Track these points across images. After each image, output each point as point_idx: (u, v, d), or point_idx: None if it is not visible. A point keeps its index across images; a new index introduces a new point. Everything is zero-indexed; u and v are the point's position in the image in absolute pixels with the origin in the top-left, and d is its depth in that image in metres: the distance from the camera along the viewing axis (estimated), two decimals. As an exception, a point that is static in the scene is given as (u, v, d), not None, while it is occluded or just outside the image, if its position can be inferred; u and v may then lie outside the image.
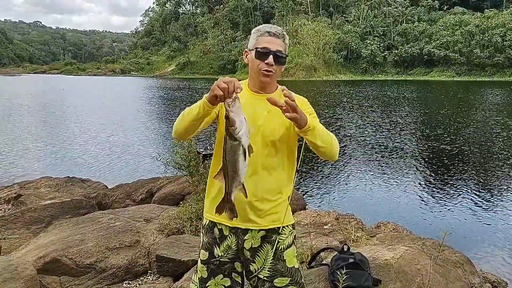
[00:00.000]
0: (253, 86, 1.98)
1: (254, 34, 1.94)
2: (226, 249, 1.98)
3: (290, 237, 2.03)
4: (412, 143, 12.90)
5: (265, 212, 1.94)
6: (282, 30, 1.93)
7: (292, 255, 2.03)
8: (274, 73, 1.91)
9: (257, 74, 1.92)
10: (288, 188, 2.03)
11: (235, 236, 1.97)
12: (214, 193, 2.00)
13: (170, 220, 4.66)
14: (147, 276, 3.97)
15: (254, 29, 1.97)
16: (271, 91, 1.98)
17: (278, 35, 1.89)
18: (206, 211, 2.06)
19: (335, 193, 8.17)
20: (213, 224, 2.02)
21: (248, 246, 1.97)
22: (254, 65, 1.91)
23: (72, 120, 19.53)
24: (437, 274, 3.24)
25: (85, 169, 10.22)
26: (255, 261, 1.97)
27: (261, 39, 1.89)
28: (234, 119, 1.61)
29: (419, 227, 6.09)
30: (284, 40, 1.91)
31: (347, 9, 79.35)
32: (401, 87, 41.61)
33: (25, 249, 4.19)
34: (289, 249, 2.02)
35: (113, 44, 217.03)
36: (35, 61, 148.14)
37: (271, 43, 1.87)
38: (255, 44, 1.90)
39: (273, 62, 1.86)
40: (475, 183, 8.65)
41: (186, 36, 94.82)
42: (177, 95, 34.86)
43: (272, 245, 1.97)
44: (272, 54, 1.86)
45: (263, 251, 1.97)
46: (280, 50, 1.88)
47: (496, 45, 59.02)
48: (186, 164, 5.32)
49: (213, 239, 2.01)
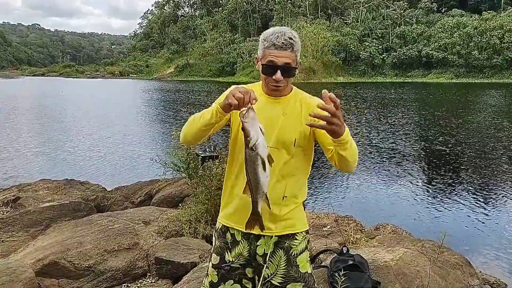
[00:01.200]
0: (267, 92, 1.93)
1: (261, 44, 1.84)
2: (237, 255, 1.95)
3: (303, 243, 2.00)
4: (410, 145, 12.91)
5: (279, 218, 1.90)
6: (290, 37, 1.78)
7: (305, 261, 1.99)
8: (284, 85, 1.85)
9: (267, 86, 1.88)
10: (302, 192, 2.00)
11: (247, 242, 1.95)
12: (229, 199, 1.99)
13: (169, 223, 4.65)
14: (146, 278, 3.95)
15: (262, 35, 1.85)
16: (286, 93, 1.93)
17: (286, 46, 1.77)
18: (221, 215, 2.04)
19: (334, 194, 8.17)
20: (226, 228, 1.99)
21: (260, 252, 1.94)
22: (263, 79, 1.87)
23: (71, 123, 19.51)
24: (436, 275, 3.24)
25: (84, 172, 10.20)
26: (268, 267, 1.94)
27: (268, 52, 1.79)
28: (249, 129, 1.59)
29: (418, 228, 6.09)
30: (292, 49, 1.78)
31: (346, 12, 79.51)
32: (400, 89, 41.67)
33: (23, 252, 4.17)
34: (302, 254, 1.98)
35: (112, 46, 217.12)
36: (33, 63, 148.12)
37: (278, 57, 1.77)
38: (262, 56, 1.83)
39: (281, 77, 1.79)
40: (474, 184, 8.65)
41: (185, 38, 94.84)
42: (176, 97, 34.85)
43: (285, 251, 1.94)
44: (280, 68, 1.78)
45: (276, 256, 1.93)
46: (289, 63, 1.78)
47: (494, 47, 59.17)
48: (185, 166, 5.31)
49: (225, 243, 1.98)
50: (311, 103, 1.92)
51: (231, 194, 1.98)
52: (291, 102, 1.92)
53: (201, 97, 33.99)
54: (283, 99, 1.92)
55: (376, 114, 21.01)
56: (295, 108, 1.91)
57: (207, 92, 39.89)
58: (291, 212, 1.94)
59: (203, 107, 15.33)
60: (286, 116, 1.88)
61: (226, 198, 2.02)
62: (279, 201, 1.89)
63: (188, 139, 1.88)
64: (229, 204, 2.00)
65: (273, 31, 1.81)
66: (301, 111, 1.90)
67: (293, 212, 1.95)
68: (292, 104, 1.92)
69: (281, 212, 1.90)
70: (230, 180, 1.99)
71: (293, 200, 1.95)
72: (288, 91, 1.94)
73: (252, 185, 1.67)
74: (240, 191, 1.85)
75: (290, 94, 1.94)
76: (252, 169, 1.64)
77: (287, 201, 1.92)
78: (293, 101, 1.93)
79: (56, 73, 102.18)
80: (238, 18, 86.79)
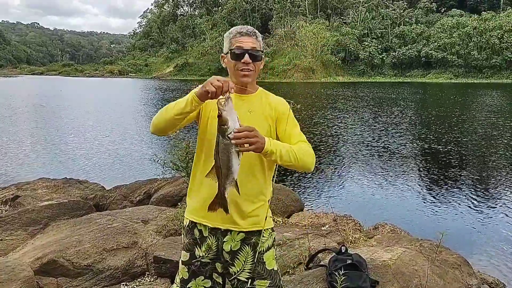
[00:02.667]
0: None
1: (226, 38, 1.95)
2: (207, 249, 1.99)
3: (269, 240, 2.04)
4: (409, 145, 12.92)
5: (247, 213, 1.94)
6: (253, 28, 1.94)
7: (272, 258, 2.04)
8: (253, 70, 1.91)
9: (236, 76, 1.92)
10: (268, 190, 2.03)
11: (214, 237, 1.98)
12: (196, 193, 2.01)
13: (168, 221, 4.65)
14: (145, 277, 3.96)
15: (226, 33, 1.98)
16: (252, 92, 1.99)
17: (250, 33, 1.90)
18: (188, 210, 2.07)
19: (333, 194, 8.18)
20: (194, 224, 2.03)
21: (227, 248, 1.97)
22: (232, 67, 1.92)
23: (70, 121, 19.49)
24: (434, 275, 3.25)
25: (83, 170, 10.20)
26: (234, 264, 1.98)
27: (234, 40, 1.90)
28: (227, 118, 1.63)
29: (416, 228, 6.10)
30: (256, 38, 1.92)
31: (345, 11, 79.52)
32: (399, 89, 41.70)
33: (22, 251, 4.17)
34: (268, 251, 2.02)
35: (111, 45, 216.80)
36: (32, 62, 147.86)
37: (244, 42, 1.88)
38: (229, 47, 1.92)
39: (249, 60, 1.87)
40: (473, 184, 8.67)
41: (184, 37, 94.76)
42: (175, 96, 34.83)
43: (251, 247, 1.97)
44: (247, 52, 1.87)
45: (243, 253, 1.97)
46: (254, 47, 1.89)
47: (494, 47, 59.26)
48: (184, 165, 5.32)
49: (194, 239, 2.02)
50: (275, 102, 2.00)
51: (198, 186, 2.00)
52: (257, 100, 1.98)
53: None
54: (249, 97, 1.97)
55: (375, 114, 21.03)
56: (261, 106, 1.96)
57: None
58: (258, 209, 1.97)
59: (202, 106, 15.13)
60: (252, 114, 1.93)
61: (193, 192, 2.04)
62: (248, 197, 1.93)
63: (160, 127, 1.87)
64: (195, 196, 2.02)
65: (236, 26, 1.98)
66: (266, 110, 1.96)
67: (260, 209, 1.98)
68: (258, 102, 1.97)
69: (250, 208, 1.94)
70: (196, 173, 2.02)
71: (261, 198, 1.98)
72: (254, 89, 2.00)
73: (222, 171, 1.71)
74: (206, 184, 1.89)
75: (256, 93, 2.00)
76: (226, 157, 1.68)
77: (255, 197, 1.96)
78: (258, 99, 1.99)
79: (55, 72, 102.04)
80: (238, 17, 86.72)
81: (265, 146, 1.71)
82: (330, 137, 14.29)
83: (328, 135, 14.65)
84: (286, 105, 2.00)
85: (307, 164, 1.88)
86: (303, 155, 1.86)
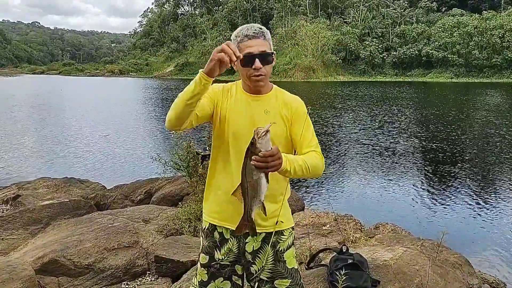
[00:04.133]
0: (248, 90, 1.95)
1: (234, 41, 1.85)
2: (227, 252, 1.97)
3: (290, 238, 2.02)
4: (410, 144, 12.91)
5: (270, 215, 1.91)
6: (259, 27, 1.85)
7: (292, 256, 2.02)
8: (265, 74, 1.85)
9: (249, 80, 1.87)
10: (287, 190, 2.02)
11: (236, 239, 1.96)
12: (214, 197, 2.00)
13: (169, 221, 4.66)
14: (146, 276, 3.96)
15: (233, 35, 1.88)
16: (266, 91, 1.96)
17: (257, 35, 1.82)
18: (206, 214, 2.04)
19: (334, 194, 8.18)
20: (213, 227, 2.00)
21: (250, 249, 1.96)
22: (244, 73, 1.86)
23: (70, 121, 19.50)
24: (435, 275, 3.25)
25: (84, 170, 10.21)
26: (255, 263, 1.96)
27: (242, 45, 1.82)
28: (260, 149, 1.59)
29: (417, 228, 6.10)
30: (264, 38, 1.84)
31: (346, 11, 79.40)
32: (400, 89, 41.67)
33: (23, 250, 4.18)
34: (289, 250, 2.01)
35: (111, 45, 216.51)
36: (33, 61, 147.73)
37: (253, 46, 1.80)
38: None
39: (260, 65, 1.80)
40: (474, 184, 8.67)
41: (184, 37, 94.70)
42: (176, 95, 34.73)
43: (272, 246, 1.96)
44: (257, 57, 1.80)
45: (263, 252, 1.95)
46: (264, 50, 1.81)
47: (495, 46, 59.15)
48: (185, 165, 5.32)
49: (213, 242, 1.99)
50: (290, 101, 1.96)
51: (216, 190, 1.99)
52: (272, 100, 1.94)
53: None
54: (264, 97, 1.94)
55: (376, 114, 21.02)
56: (276, 106, 1.93)
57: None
58: (278, 208, 1.95)
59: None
60: (268, 114, 1.90)
61: (211, 195, 2.02)
62: (270, 199, 1.90)
63: (172, 118, 1.78)
64: (214, 200, 2.00)
65: (242, 27, 1.87)
66: (282, 109, 1.93)
67: (281, 209, 1.96)
68: (273, 102, 1.94)
69: (272, 209, 1.91)
70: (214, 176, 2.00)
71: (280, 198, 1.97)
72: (268, 89, 1.96)
73: (249, 193, 1.67)
74: (224, 187, 1.90)
75: (271, 93, 1.97)
76: (255, 180, 1.64)
77: (275, 198, 1.94)
78: (274, 99, 1.95)
79: (56, 71, 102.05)
80: (238, 16, 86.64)
81: (282, 165, 1.66)
82: (331, 137, 14.29)
83: (329, 135, 14.65)
84: (301, 104, 1.97)
85: (316, 175, 1.88)
86: (314, 167, 1.83)
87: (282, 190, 1.97)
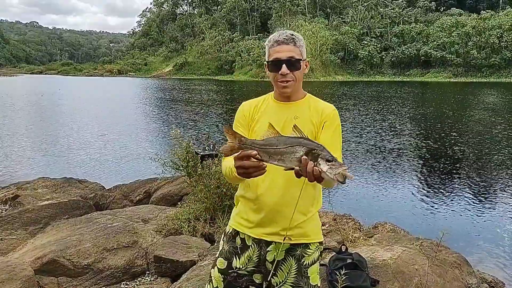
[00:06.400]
0: (278, 98, 1.94)
1: (266, 47, 1.90)
2: (246, 261, 1.91)
3: (316, 253, 1.95)
4: (409, 144, 12.93)
5: (296, 225, 1.87)
6: (291, 33, 1.86)
7: (316, 272, 1.95)
8: (293, 80, 1.84)
9: (277, 86, 1.88)
10: (317, 201, 1.96)
11: (257, 246, 1.91)
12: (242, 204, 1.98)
13: (168, 221, 4.66)
14: (145, 276, 3.96)
15: (267, 40, 1.92)
16: (298, 98, 1.93)
17: (288, 41, 1.83)
18: (232, 219, 2.02)
19: (333, 193, 8.18)
20: (236, 232, 1.96)
21: (270, 258, 1.90)
22: (272, 78, 1.87)
23: (69, 121, 19.48)
24: (434, 274, 3.26)
25: (83, 170, 10.20)
26: (277, 275, 1.89)
27: (272, 50, 1.85)
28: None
29: (416, 227, 6.10)
30: (295, 44, 1.84)
31: (344, 10, 79.45)
32: (398, 88, 41.71)
33: (22, 250, 4.18)
34: (313, 265, 1.93)
35: (110, 44, 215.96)
36: (31, 61, 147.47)
37: (281, 51, 1.82)
38: (268, 57, 1.88)
39: (287, 70, 1.81)
40: (472, 183, 8.68)
41: (183, 36, 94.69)
42: (174, 95, 34.81)
43: (296, 259, 1.90)
44: (284, 63, 1.80)
45: (287, 264, 1.89)
46: (292, 56, 1.81)
47: (493, 46, 59.26)
48: (184, 164, 5.31)
49: (234, 248, 1.95)
50: (322, 107, 1.92)
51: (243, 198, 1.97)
52: (304, 106, 1.92)
53: (199, 96, 33.97)
54: (295, 104, 1.92)
55: (375, 113, 21.04)
56: (306, 112, 1.90)
57: (205, 90, 39.89)
58: (307, 220, 1.90)
59: (201, 105, 15.38)
60: (298, 120, 1.85)
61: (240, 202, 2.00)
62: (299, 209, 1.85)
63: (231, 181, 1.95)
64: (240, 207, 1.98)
65: (276, 33, 1.90)
66: (313, 115, 1.89)
67: (309, 221, 1.91)
68: (305, 108, 1.91)
69: (300, 220, 1.87)
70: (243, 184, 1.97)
71: (311, 209, 1.92)
72: (300, 96, 1.94)
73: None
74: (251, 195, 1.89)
75: (304, 99, 1.94)
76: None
77: (305, 209, 1.89)
78: (305, 105, 1.92)
79: (54, 71, 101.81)
80: (237, 16, 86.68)
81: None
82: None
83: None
84: (334, 112, 1.92)
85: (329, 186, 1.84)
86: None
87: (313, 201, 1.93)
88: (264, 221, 1.86)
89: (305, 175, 1.49)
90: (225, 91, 39.71)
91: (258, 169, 1.54)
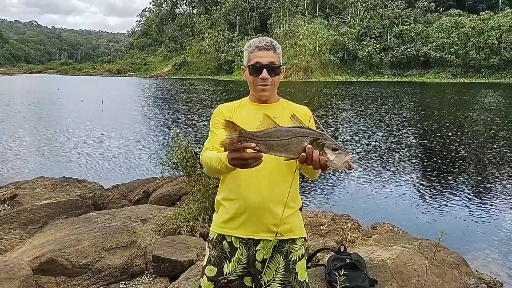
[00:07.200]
0: (254, 100, 2.00)
1: (245, 51, 1.96)
2: (235, 264, 1.92)
3: (302, 249, 1.99)
4: (407, 144, 12.94)
5: (282, 221, 1.89)
6: (271, 40, 1.94)
7: (303, 268, 1.98)
8: (271, 85, 1.92)
9: (255, 90, 1.94)
10: (299, 197, 2.02)
11: (246, 247, 1.92)
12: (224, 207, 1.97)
13: (167, 221, 4.66)
14: (144, 276, 3.96)
15: (245, 45, 1.99)
16: (273, 101, 2.01)
17: (268, 47, 1.90)
18: (215, 225, 2.01)
19: (332, 193, 8.19)
20: (222, 237, 1.96)
21: (260, 257, 1.92)
22: (251, 81, 1.93)
23: (68, 120, 19.46)
24: (433, 274, 3.26)
25: (81, 169, 10.18)
26: (265, 273, 1.91)
27: (252, 55, 1.91)
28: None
29: (415, 227, 6.10)
30: (275, 51, 1.92)
31: (344, 11, 79.57)
32: (397, 89, 41.74)
33: (21, 249, 4.17)
34: (301, 261, 1.97)
35: (109, 44, 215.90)
36: (30, 61, 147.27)
37: (262, 57, 1.89)
38: (248, 62, 1.93)
39: (267, 75, 1.88)
40: (471, 184, 8.69)
41: (182, 36, 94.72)
42: (173, 95, 34.80)
43: (284, 256, 1.92)
44: (265, 67, 1.88)
45: (275, 262, 1.92)
46: (273, 62, 1.89)
47: (492, 47, 59.41)
48: (183, 164, 5.30)
49: (223, 253, 1.95)
50: (297, 109, 1.99)
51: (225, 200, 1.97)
52: (279, 108, 1.98)
53: (199, 95, 33.97)
54: (271, 106, 1.98)
55: (373, 113, 21.05)
56: (284, 113, 1.92)
57: (204, 90, 39.89)
58: (291, 216, 1.94)
59: (200, 104, 15.37)
60: (277, 119, 1.84)
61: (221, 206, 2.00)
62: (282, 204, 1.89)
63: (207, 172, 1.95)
64: (223, 210, 1.98)
65: (255, 39, 1.99)
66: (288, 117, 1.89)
67: (293, 217, 1.95)
68: (281, 110, 1.96)
69: (284, 215, 1.89)
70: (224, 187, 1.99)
71: (292, 205, 1.95)
72: (275, 99, 2.02)
73: None
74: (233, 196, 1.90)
75: (278, 103, 2.01)
76: None
77: (288, 205, 1.91)
78: (281, 108, 1.99)
79: (53, 70, 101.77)
80: (236, 16, 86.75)
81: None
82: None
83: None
84: (307, 110, 2.01)
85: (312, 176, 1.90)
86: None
87: (293, 196, 1.95)
88: (250, 219, 1.88)
89: (309, 164, 1.55)
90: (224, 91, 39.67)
91: (256, 159, 1.57)
